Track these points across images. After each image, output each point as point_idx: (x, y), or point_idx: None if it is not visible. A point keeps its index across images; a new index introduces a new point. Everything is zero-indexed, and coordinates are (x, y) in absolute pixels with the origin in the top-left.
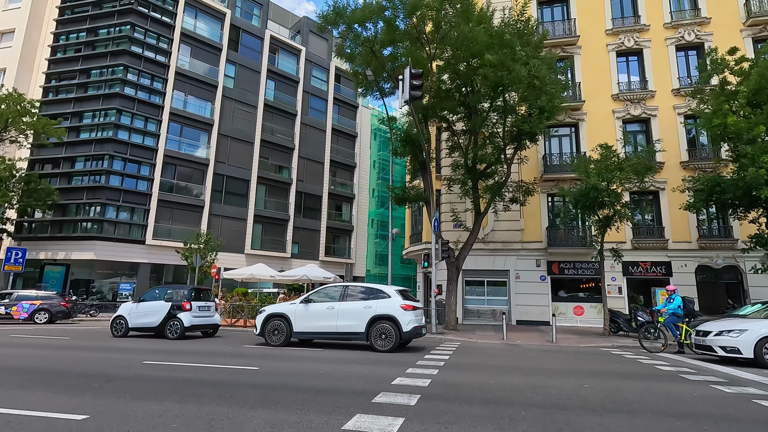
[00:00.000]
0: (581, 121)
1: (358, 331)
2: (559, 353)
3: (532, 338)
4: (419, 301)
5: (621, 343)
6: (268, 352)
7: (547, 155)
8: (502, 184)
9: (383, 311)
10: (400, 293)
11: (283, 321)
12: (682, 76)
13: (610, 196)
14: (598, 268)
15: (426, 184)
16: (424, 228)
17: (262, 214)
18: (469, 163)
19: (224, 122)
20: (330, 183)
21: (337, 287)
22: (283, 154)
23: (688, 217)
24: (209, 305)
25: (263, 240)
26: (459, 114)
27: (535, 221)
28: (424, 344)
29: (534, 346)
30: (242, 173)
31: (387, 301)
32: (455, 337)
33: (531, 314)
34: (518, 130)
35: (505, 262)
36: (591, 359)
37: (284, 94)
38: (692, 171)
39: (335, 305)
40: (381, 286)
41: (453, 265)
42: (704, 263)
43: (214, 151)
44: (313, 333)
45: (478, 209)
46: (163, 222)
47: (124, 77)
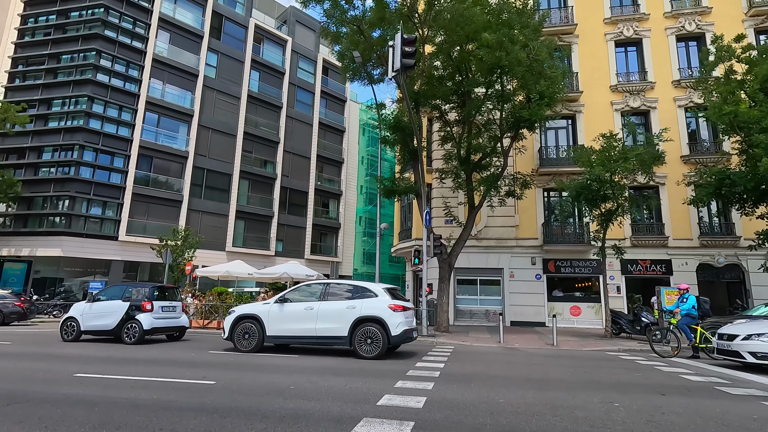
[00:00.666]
0: (578, 113)
1: (340, 335)
2: (565, 359)
3: (530, 341)
4: (410, 301)
5: (626, 346)
6: (235, 360)
7: (543, 148)
8: (498, 175)
9: (369, 312)
10: (389, 292)
11: (254, 323)
12: (683, 67)
13: (614, 188)
14: (596, 267)
15: (417, 174)
16: (414, 224)
17: (245, 210)
18: (463, 154)
19: (205, 113)
20: (316, 179)
21: (317, 285)
22: (267, 148)
23: (689, 214)
24: (175, 305)
25: (246, 237)
26: (452, 103)
27: (531, 217)
28: (415, 349)
29: (534, 350)
30: (224, 167)
31: (373, 300)
32: (448, 339)
33: (526, 315)
34: (516, 117)
35: (499, 260)
36: (604, 366)
37: (269, 86)
38: (693, 165)
39: (314, 305)
40: (367, 283)
41: (445, 263)
42: (705, 261)
43: (193, 144)
44: (289, 337)
45: (472, 203)
46: (138, 217)
47: (96, 63)
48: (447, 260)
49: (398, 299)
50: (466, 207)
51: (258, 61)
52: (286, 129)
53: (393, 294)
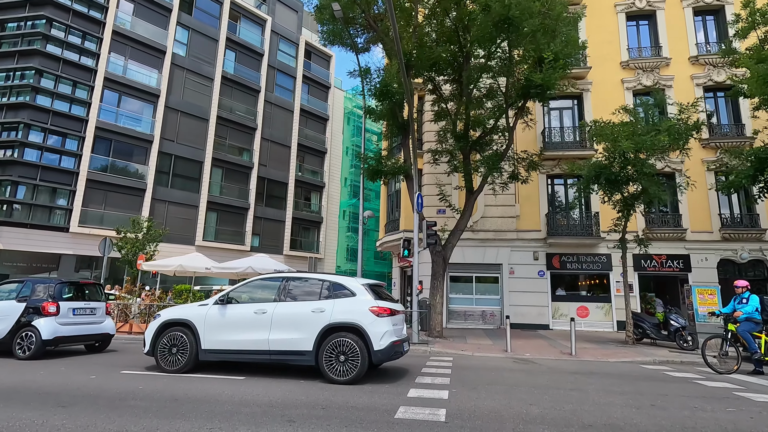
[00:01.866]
0: (586, 92)
1: (301, 349)
2: (602, 378)
3: (540, 349)
4: (399, 302)
5: (660, 356)
6: (147, 388)
7: (547, 130)
8: (503, 153)
9: (343, 317)
10: (371, 290)
11: (185, 332)
12: (700, 43)
13: (642, 167)
14: (606, 262)
15: (407, 152)
16: (402, 214)
17: (218, 200)
18: (460, 129)
19: (173, 94)
20: (297, 169)
21: (274, 280)
22: (243, 135)
23: (709, 204)
24: (95, 307)
25: (218, 230)
26: (447, 74)
27: (533, 206)
28: (405, 362)
29: (552, 362)
30: (194, 153)
31: (350, 301)
32: (444, 348)
33: (527, 316)
34: (525, 83)
35: (498, 255)
36: (666, 392)
37: (246, 68)
38: (713, 150)
39: (269, 308)
40: (342, 278)
41: (439, 256)
42: (727, 257)
43: (160, 127)
44: (233, 352)
45: (470, 187)
46: (94, 206)
47: (46, 32)
48: (441, 253)
49: (384, 299)
50: (463, 192)
51: (234, 40)
52: (265, 115)
53: (377, 293)
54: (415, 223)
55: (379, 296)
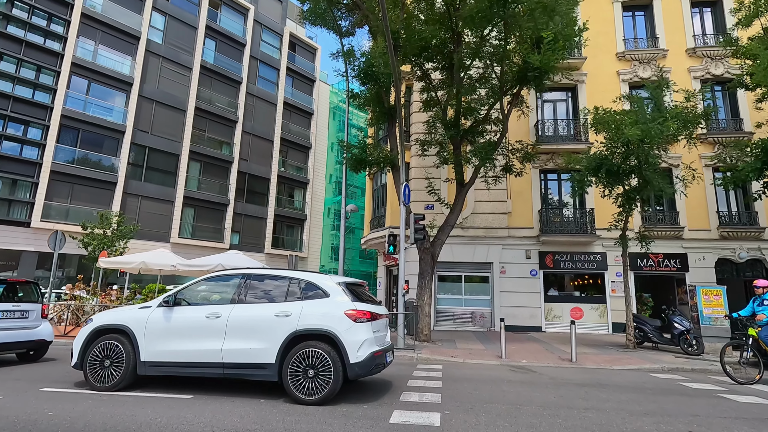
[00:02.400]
0: (580, 83)
1: (261, 362)
2: (615, 391)
3: (537, 354)
4: (382, 304)
5: (667, 362)
6: (55, 415)
7: (540, 123)
8: (497, 143)
9: (313, 323)
10: (349, 289)
11: (121, 341)
12: (698, 35)
13: (647, 157)
14: (601, 261)
15: (394, 141)
16: (388, 210)
17: (195, 196)
18: (450, 116)
19: (148, 83)
20: (280, 164)
21: (232, 277)
22: (223, 127)
23: (707, 201)
24: (27, 309)
25: (196, 227)
26: (436, 61)
27: (525, 203)
28: (388, 372)
29: (553, 370)
30: (170, 146)
31: (322, 303)
32: (432, 354)
33: (519, 318)
34: (523, 64)
35: (488, 253)
36: (693, 410)
37: (227, 58)
38: (711, 145)
39: (224, 311)
40: (314, 275)
41: (427, 253)
42: (725, 256)
43: (133, 117)
44: (179, 364)
45: (461, 179)
46: (59, 200)
47: (7, 12)
48: (429, 250)
49: (364, 301)
50: (452, 186)
51: (214, 28)
52: (246, 107)
53: (356, 293)
54: (402, 216)
55: (358, 297)
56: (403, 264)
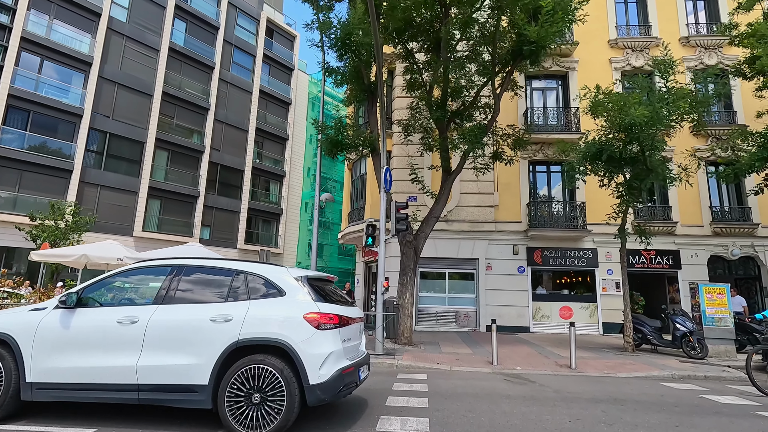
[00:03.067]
0: (571, 71)
1: (190, 383)
2: (639, 409)
3: (531, 359)
4: (355, 305)
5: (675, 368)
6: None
7: (529, 111)
8: (486, 126)
9: (261, 330)
10: (312, 286)
11: (0, 355)
12: (691, 23)
13: (651, 142)
14: (592, 258)
15: (374, 122)
16: (368, 202)
17: (162, 187)
18: (436, 98)
19: (110, 64)
20: (255, 156)
21: (157, 269)
22: (194, 115)
23: (699, 196)
24: None
25: (162, 220)
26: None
27: (513, 195)
28: (364, 385)
29: (553, 379)
30: (134, 132)
31: (274, 304)
32: (415, 360)
33: (505, 317)
34: (518, 38)
35: (474, 249)
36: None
37: (198, 41)
38: (704, 138)
39: (143, 314)
40: (265, 267)
41: (410, 247)
42: (717, 253)
43: (92, 99)
44: (78, 387)
45: (447, 166)
46: (6, 188)
47: None
48: (412, 243)
49: (333, 301)
50: (437, 175)
51: (184, 9)
52: (219, 94)
53: (321, 291)
54: (382, 205)
55: (324, 296)
56: (383, 258)
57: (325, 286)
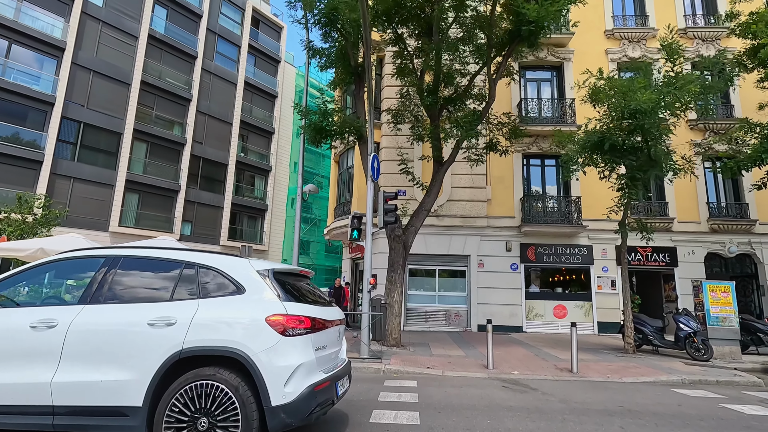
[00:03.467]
0: (567, 61)
1: (119, 405)
2: (657, 421)
3: (528, 362)
4: (333, 304)
5: (682, 371)
6: None
7: (524, 102)
8: (482, 113)
9: (210, 337)
10: (278, 280)
11: None
12: (688, 14)
13: (662, 131)
14: (587, 255)
15: (361, 105)
16: (354, 195)
17: (140, 180)
18: (428, 83)
19: (85, 50)
20: (239, 150)
21: (86, 261)
22: (175, 106)
23: (696, 191)
24: None
25: (140, 215)
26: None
27: (506, 189)
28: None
29: (555, 385)
30: (111, 123)
31: (230, 304)
32: (403, 364)
33: (498, 316)
34: (516, 18)
35: (465, 245)
36: None
37: (180, 29)
38: (701, 132)
39: (63, 317)
40: (221, 258)
41: (399, 242)
42: (714, 250)
43: (64, 87)
44: None
45: (439, 156)
46: None
47: None
48: (402, 238)
49: (306, 301)
50: (428, 166)
51: None
52: (202, 85)
53: (291, 287)
54: (369, 194)
55: (295, 294)
56: (369, 252)
57: (298, 283)
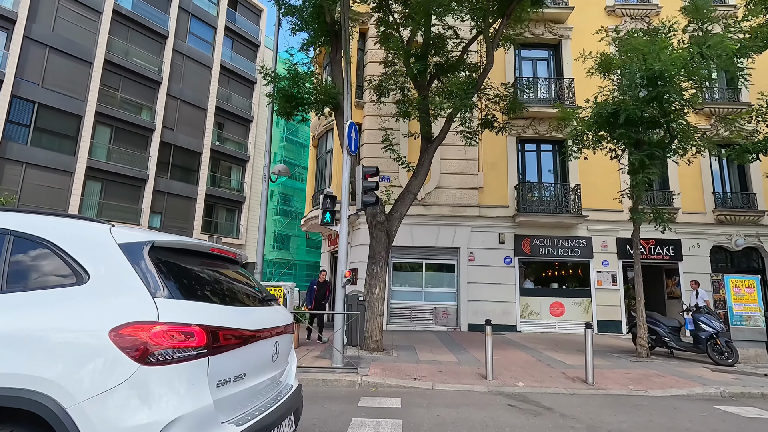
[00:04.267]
0: (565, 39)
1: None
2: None
3: (533, 370)
4: (277, 303)
5: (712, 379)
6: None
7: (519, 81)
8: (478, 80)
9: None
10: (159, 261)
11: None
12: None
13: (691, 100)
14: (586, 247)
15: (338, 71)
16: (333, 181)
17: (103, 167)
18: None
19: (40, 24)
20: (215, 137)
21: None
22: (143, 88)
23: (702, 179)
24: None
25: (103, 205)
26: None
27: (500, 176)
28: (303, 427)
29: (571, 401)
30: (70, 104)
31: (52, 303)
32: (385, 374)
33: (490, 315)
34: None
35: (455, 236)
36: None
37: (149, 6)
38: (706, 117)
39: None
40: (55, 222)
41: (381, 229)
42: (720, 243)
43: (15, 62)
44: None
45: (428, 132)
46: None
47: None
48: (384, 225)
49: (209, 298)
50: (416, 144)
51: None
52: (174, 67)
53: (184, 276)
54: (345, 169)
55: (192, 287)
56: (345, 237)
57: (212, 270)
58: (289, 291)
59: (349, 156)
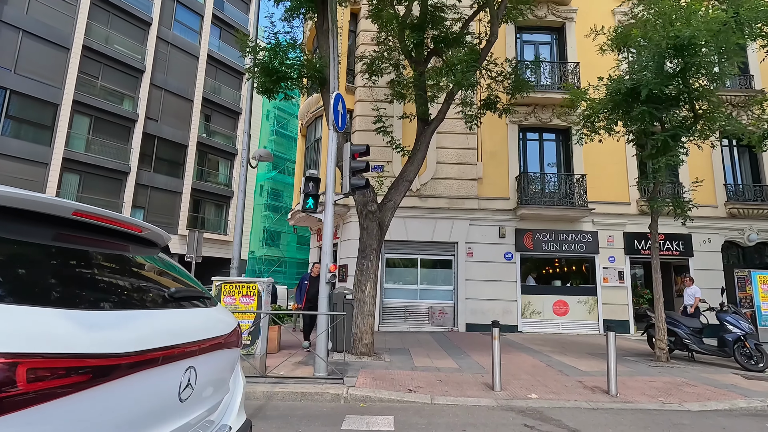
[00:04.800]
0: (569, 21)
1: None
2: None
3: (544, 377)
4: (212, 303)
5: (748, 389)
6: None
7: (521, 65)
8: (481, 54)
9: None
10: None
11: None
12: None
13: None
14: (591, 242)
15: (324, 40)
16: (322, 170)
17: (81, 159)
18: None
19: (12, 6)
20: (201, 129)
21: None
22: (125, 77)
23: (713, 170)
24: None
25: (81, 198)
26: None
27: (500, 166)
28: None
29: (598, 422)
30: (45, 92)
31: None
32: (375, 386)
33: (489, 314)
34: None
35: (452, 230)
36: None
37: None
38: None
39: None
40: None
41: (373, 220)
42: (732, 238)
43: None
44: None
45: (424, 113)
46: None
47: None
48: (376, 215)
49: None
50: (411, 126)
51: None
52: (158, 55)
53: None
54: (331, 147)
55: (55, 285)
56: (330, 224)
57: (75, 249)
58: (264, 288)
59: (336, 134)
